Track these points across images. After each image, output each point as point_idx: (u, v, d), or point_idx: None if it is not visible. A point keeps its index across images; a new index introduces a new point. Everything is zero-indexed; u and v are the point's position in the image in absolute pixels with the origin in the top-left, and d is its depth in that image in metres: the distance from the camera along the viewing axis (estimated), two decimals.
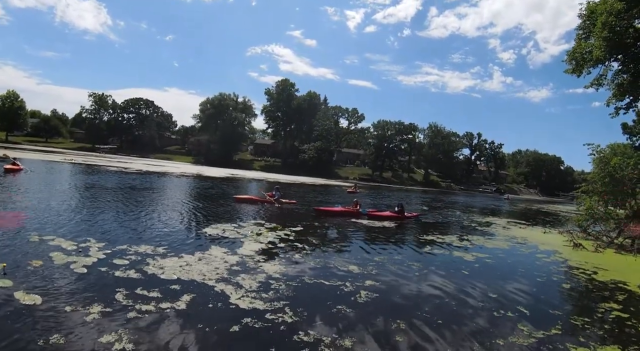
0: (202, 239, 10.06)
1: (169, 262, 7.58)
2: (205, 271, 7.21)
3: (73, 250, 7.82)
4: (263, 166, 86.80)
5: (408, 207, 27.64)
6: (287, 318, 5.36)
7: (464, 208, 33.97)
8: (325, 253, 9.97)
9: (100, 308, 5.18)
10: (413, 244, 12.61)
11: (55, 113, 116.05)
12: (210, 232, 11.05)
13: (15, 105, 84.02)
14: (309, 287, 6.92)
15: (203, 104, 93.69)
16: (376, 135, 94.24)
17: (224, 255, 8.56)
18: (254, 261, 8.25)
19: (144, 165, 49.99)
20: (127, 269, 6.93)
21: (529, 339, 5.48)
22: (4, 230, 8.92)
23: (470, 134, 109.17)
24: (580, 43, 15.70)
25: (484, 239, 15.08)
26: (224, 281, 6.73)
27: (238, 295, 6.07)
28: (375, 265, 8.91)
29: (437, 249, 11.94)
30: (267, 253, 9.09)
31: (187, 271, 7.12)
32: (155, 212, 13.98)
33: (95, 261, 7.24)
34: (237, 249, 9.18)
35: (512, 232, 18.70)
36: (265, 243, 10.13)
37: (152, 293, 5.89)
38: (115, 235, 9.58)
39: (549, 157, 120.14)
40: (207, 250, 8.87)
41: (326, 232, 13.30)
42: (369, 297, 6.57)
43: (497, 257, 11.71)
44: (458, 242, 13.62)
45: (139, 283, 6.30)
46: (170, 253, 8.30)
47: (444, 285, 7.89)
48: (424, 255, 10.98)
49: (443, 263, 9.91)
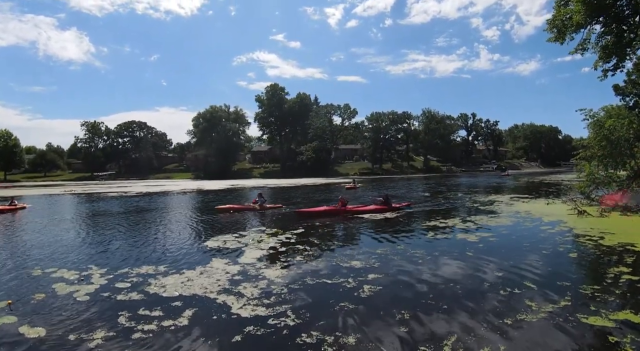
0: (202, 253, 10.01)
1: (170, 280, 7.53)
2: (207, 284, 7.16)
3: (75, 279, 7.82)
4: (262, 173, 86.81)
5: (410, 196, 27.66)
6: (290, 322, 5.30)
7: (467, 189, 33.82)
8: (327, 252, 9.93)
9: (103, 333, 5.16)
10: (415, 232, 12.53)
11: (50, 147, 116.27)
12: (211, 244, 11.00)
13: (10, 143, 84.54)
14: (310, 288, 6.85)
15: (195, 119, 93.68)
16: (371, 128, 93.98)
17: (225, 266, 8.50)
18: (255, 268, 8.19)
19: (144, 187, 50.03)
20: (129, 292, 6.90)
21: (538, 314, 5.35)
22: (7, 266, 8.94)
23: (464, 115, 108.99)
24: (559, 10, 15.52)
25: (487, 218, 14.98)
26: (225, 292, 6.67)
27: (240, 305, 6.01)
28: (378, 258, 8.85)
29: (440, 234, 11.86)
30: (268, 259, 9.04)
31: (189, 286, 7.07)
32: (156, 232, 13.95)
33: (98, 287, 7.23)
34: (238, 258, 9.12)
35: (515, 207, 18.58)
36: (267, 249, 10.07)
37: (155, 312, 5.85)
38: (116, 259, 9.54)
39: (546, 128, 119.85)
40: (208, 263, 8.82)
41: (327, 232, 13.23)
42: (372, 291, 6.51)
43: (500, 235, 11.62)
44: (461, 224, 13.54)
45: (141, 304, 6.27)
46: (171, 270, 8.26)
47: (448, 270, 7.83)
48: (427, 241, 10.90)
49: (447, 248, 9.83)
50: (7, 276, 8.17)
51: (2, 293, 6.96)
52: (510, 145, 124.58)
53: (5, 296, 6.73)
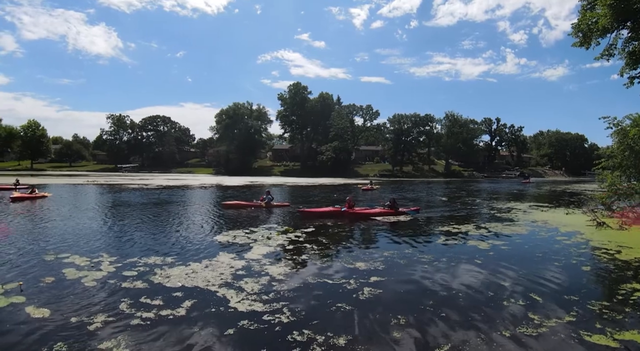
0: (211, 247, 10.16)
1: (176, 271, 7.68)
2: (210, 277, 7.27)
3: (85, 265, 8.08)
4: (282, 171, 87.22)
5: (427, 199, 27.32)
6: (284, 319, 5.33)
7: (486, 195, 33.15)
8: (333, 252, 9.92)
9: (103, 318, 5.36)
10: (427, 237, 12.38)
11: (76, 138, 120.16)
12: (221, 239, 11.16)
13: (37, 133, 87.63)
14: (311, 287, 6.87)
15: (218, 115, 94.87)
16: (393, 130, 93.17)
17: (231, 260, 8.61)
18: (260, 265, 8.26)
19: (165, 180, 51.07)
20: (135, 280, 7.08)
21: (540, 329, 5.18)
22: (23, 250, 9.30)
23: (488, 120, 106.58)
24: (585, 14, 14.97)
25: (502, 226, 14.65)
26: (226, 286, 6.76)
27: (238, 299, 6.08)
28: (382, 261, 8.78)
29: (451, 240, 11.68)
30: (274, 256, 9.10)
31: (192, 278, 7.19)
32: (169, 225, 14.24)
33: (105, 274, 7.45)
34: (244, 254, 9.22)
35: (532, 215, 18.11)
36: (274, 247, 10.15)
37: (155, 301, 5.99)
38: (128, 248, 9.80)
39: (572, 135, 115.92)
40: (215, 256, 8.95)
41: (336, 232, 13.20)
42: (371, 294, 6.46)
43: (513, 243, 11.35)
44: (474, 231, 13.29)
45: (144, 292, 6.43)
46: (178, 262, 8.42)
47: (452, 277, 7.70)
48: (437, 246, 10.75)
49: (455, 254, 9.67)
50: (22, 259, 8.54)
51: (15, 275, 7.28)
52: (535, 152, 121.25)
53: (18, 278, 7.04)
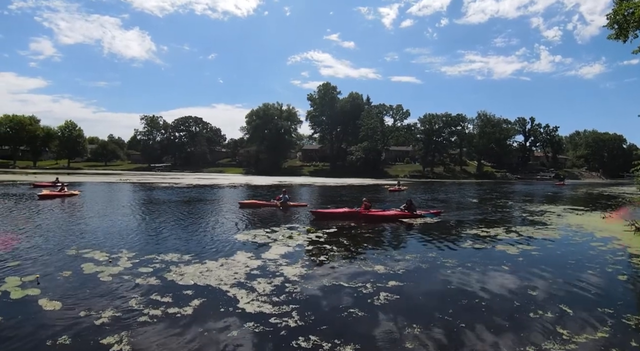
0: (230, 245, 10.08)
1: (191, 269, 7.61)
2: (224, 276, 7.14)
3: (104, 260, 8.19)
4: (312, 171, 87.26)
5: (458, 201, 26.47)
6: (292, 323, 5.09)
7: (518, 197, 31.80)
8: (353, 254, 9.61)
9: (111, 313, 5.34)
10: (452, 240, 11.83)
11: (112, 138, 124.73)
12: (241, 238, 11.08)
13: (74, 133, 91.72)
14: (324, 290, 6.60)
15: (249, 116, 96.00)
16: (423, 130, 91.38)
17: (247, 259, 8.47)
18: (276, 265, 8.08)
19: (195, 180, 52.11)
20: (149, 276, 7.06)
21: (568, 345, 4.68)
22: (46, 244, 9.55)
23: (522, 119, 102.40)
24: (621, 3, 13.78)
25: (533, 230, 13.87)
26: (238, 285, 6.61)
27: (248, 300, 5.91)
28: (403, 264, 8.39)
29: (479, 244, 11.09)
30: (291, 257, 8.89)
31: (206, 277, 7.09)
32: (192, 222, 14.35)
33: (122, 270, 7.50)
34: (262, 253, 9.07)
35: (566, 219, 17.10)
36: (293, 247, 9.94)
37: (165, 298, 5.92)
38: (148, 245, 9.88)
39: (610, 136, 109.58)
40: (232, 255, 8.85)
41: (358, 233, 12.86)
42: (387, 299, 6.11)
43: (545, 249, 10.65)
44: (504, 235, 12.61)
45: (155, 289, 6.38)
46: (194, 260, 8.37)
47: (477, 284, 7.22)
48: (462, 250, 10.21)
49: (482, 259, 9.14)
50: (44, 252, 8.81)
51: (35, 269, 7.43)
52: (571, 153, 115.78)
53: (37, 272, 7.16)
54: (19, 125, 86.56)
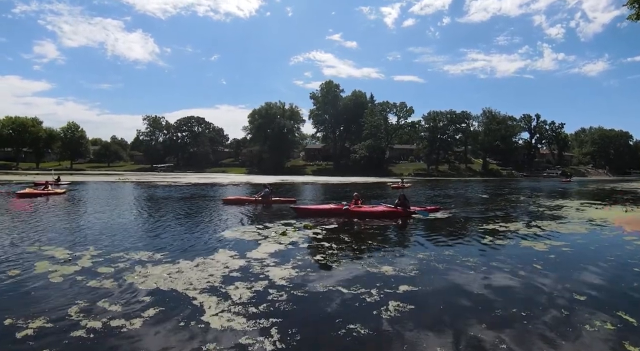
0: (214, 242, 8.78)
1: (158, 270, 6.31)
2: (195, 279, 5.82)
3: (63, 259, 7.02)
4: (315, 170, 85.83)
5: (468, 196, 25.07)
6: (268, 345, 3.72)
7: (529, 193, 30.33)
8: (356, 252, 8.25)
9: (41, 323, 4.19)
10: (469, 236, 10.45)
11: (115, 139, 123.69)
12: (228, 235, 9.75)
13: (76, 134, 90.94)
14: (317, 298, 5.23)
15: (251, 115, 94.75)
16: (427, 128, 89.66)
17: (229, 259, 7.14)
18: (262, 265, 6.73)
19: (196, 179, 50.92)
20: (105, 278, 5.82)
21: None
22: (8, 241, 8.42)
23: (528, 116, 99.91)
24: None
25: (555, 224, 12.49)
26: (210, 291, 5.28)
27: (216, 310, 4.56)
28: (416, 265, 7.01)
29: (500, 239, 9.70)
30: (282, 256, 7.53)
31: (173, 280, 5.78)
32: (178, 219, 13.06)
33: (78, 270, 6.30)
34: (248, 252, 7.73)
35: (587, 213, 15.67)
36: (286, 245, 8.59)
37: (113, 306, 4.65)
38: (119, 242, 8.60)
39: (616, 132, 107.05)
40: (213, 254, 7.53)
41: (364, 229, 11.52)
42: (399, 310, 4.72)
43: (575, 244, 9.24)
44: (525, 230, 11.22)
45: (107, 294, 5.13)
46: (166, 259, 7.07)
47: (509, 287, 5.85)
48: (484, 247, 8.82)
49: (508, 257, 7.74)
50: (1, 250, 7.61)
51: None
52: (576, 150, 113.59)
53: None
54: (22, 126, 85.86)
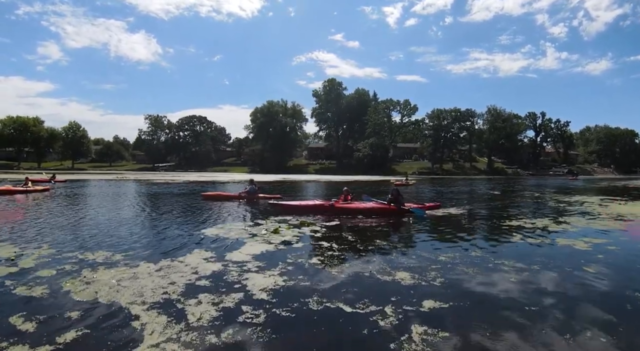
0: (189, 241, 7.37)
1: (109, 274, 4.93)
2: (150, 288, 4.41)
3: (6, 258, 5.75)
4: (318, 169, 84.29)
5: (480, 194, 23.67)
6: None
7: (542, 189, 28.93)
8: (362, 253, 6.80)
9: None
10: (494, 233, 9.01)
11: (117, 139, 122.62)
12: (211, 232, 8.33)
13: (78, 134, 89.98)
14: (310, 320, 3.79)
15: (253, 114, 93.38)
16: (432, 126, 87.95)
17: (202, 262, 5.72)
18: (241, 271, 5.30)
19: (196, 177, 49.56)
20: (40, 284, 4.54)
21: None
22: None
23: (533, 114, 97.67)
24: None
25: (585, 220, 11.06)
26: (161, 308, 3.86)
27: (160, 338, 3.14)
28: (441, 269, 5.56)
29: (532, 238, 8.21)
30: (268, 258, 6.09)
31: (120, 289, 4.38)
32: (160, 214, 11.69)
33: (14, 271, 5.07)
34: (228, 253, 6.31)
35: (613, 209, 14.26)
36: (276, 244, 7.15)
37: (27, 324, 3.39)
38: (78, 240, 7.23)
39: (622, 131, 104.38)
40: (185, 255, 6.12)
41: (374, 226, 10.08)
42: (428, 340, 3.28)
43: (621, 243, 7.80)
44: (555, 226, 9.76)
45: (27, 307, 3.83)
46: (126, 260, 5.69)
47: (565, 294, 4.43)
48: (516, 247, 7.37)
49: (549, 258, 6.27)
50: None
51: None
52: (581, 149, 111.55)
53: None
54: (23, 126, 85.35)
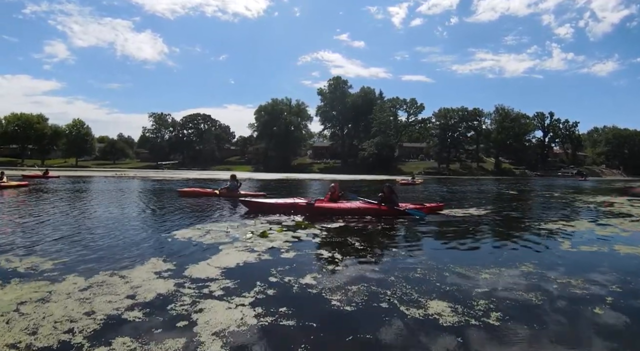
0: (149, 246, 5.94)
1: (15, 292, 3.58)
2: (54, 320, 3.00)
3: None
4: (322, 168, 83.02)
5: (496, 194, 22.20)
6: None
7: (559, 190, 27.34)
8: (366, 263, 5.34)
9: None
10: (529, 235, 7.52)
11: (121, 137, 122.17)
12: (182, 235, 6.89)
13: (82, 131, 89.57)
14: None
15: (257, 112, 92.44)
16: (438, 125, 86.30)
17: (151, 277, 4.28)
18: (198, 294, 3.81)
19: (197, 175, 48.48)
20: None
21: None
22: None
23: (541, 114, 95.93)
24: None
25: (628, 222, 9.62)
26: None
27: None
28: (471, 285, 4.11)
29: (581, 244, 6.65)
30: (244, 275, 4.57)
31: (14, 319, 2.97)
32: (133, 212, 10.29)
33: None
34: (190, 266, 4.80)
35: None
36: (260, 253, 5.63)
37: None
38: (14, 242, 5.80)
39: (630, 132, 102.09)
40: (134, 266, 4.69)
41: (383, 229, 8.60)
42: None
43: None
44: (600, 230, 8.31)
45: None
46: (53, 272, 4.30)
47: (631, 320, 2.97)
48: (565, 254, 5.88)
49: (611, 268, 4.81)
50: None
51: None
52: (589, 150, 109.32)
53: None
54: (27, 123, 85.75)
